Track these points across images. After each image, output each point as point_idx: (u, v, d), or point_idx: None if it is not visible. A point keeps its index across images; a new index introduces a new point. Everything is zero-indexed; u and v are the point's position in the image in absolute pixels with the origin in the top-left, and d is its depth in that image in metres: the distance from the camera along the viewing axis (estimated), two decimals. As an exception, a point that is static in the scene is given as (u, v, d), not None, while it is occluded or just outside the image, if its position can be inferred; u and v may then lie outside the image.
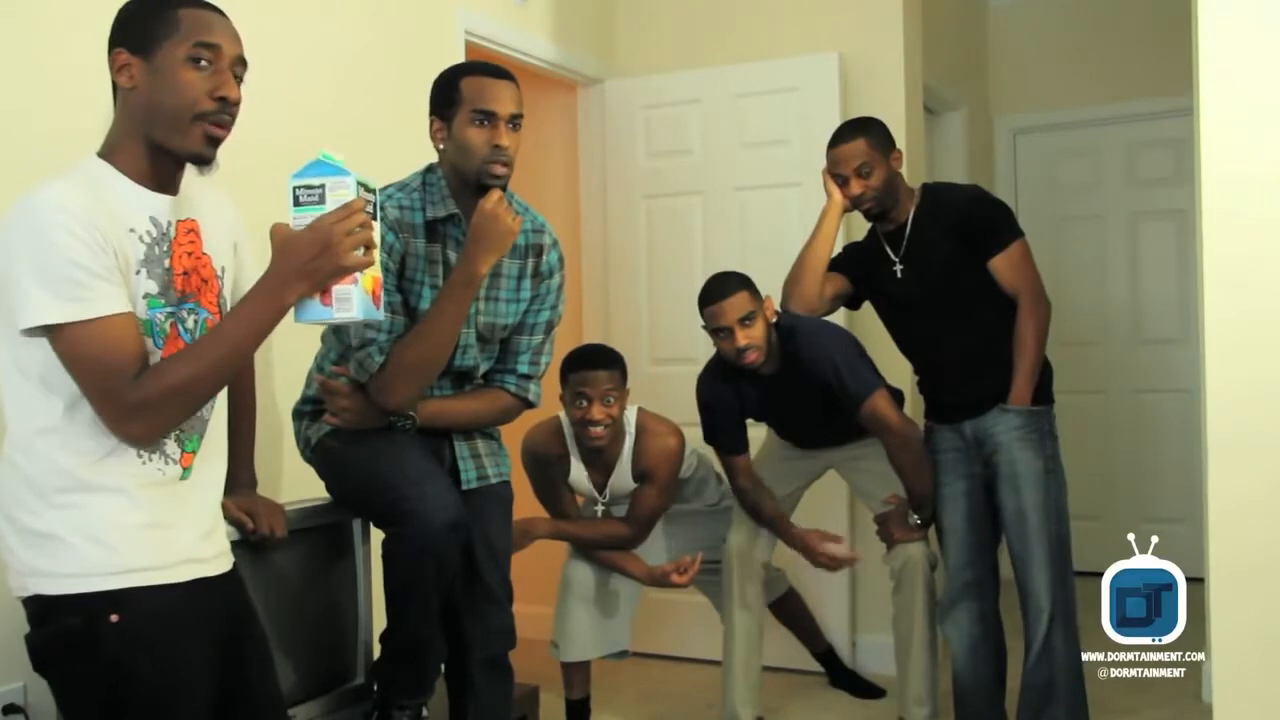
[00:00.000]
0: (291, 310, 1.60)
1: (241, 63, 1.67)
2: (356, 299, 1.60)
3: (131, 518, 1.60)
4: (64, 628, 1.57)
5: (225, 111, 1.64)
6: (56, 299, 1.50)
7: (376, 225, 1.63)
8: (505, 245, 2.31)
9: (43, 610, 1.60)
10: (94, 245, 1.52)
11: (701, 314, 3.04)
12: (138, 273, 1.60)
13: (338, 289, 1.58)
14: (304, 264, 1.55)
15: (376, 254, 1.62)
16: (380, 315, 1.69)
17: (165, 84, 1.61)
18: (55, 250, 1.50)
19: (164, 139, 1.62)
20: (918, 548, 3.04)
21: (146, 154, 1.64)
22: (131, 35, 1.63)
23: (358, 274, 1.59)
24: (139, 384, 1.54)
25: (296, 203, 1.59)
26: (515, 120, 2.32)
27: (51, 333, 1.52)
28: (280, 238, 1.58)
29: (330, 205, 1.58)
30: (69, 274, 1.50)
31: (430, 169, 2.43)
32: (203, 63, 1.61)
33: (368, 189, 1.63)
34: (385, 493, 2.28)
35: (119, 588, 1.58)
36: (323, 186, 1.59)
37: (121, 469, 1.60)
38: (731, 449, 3.18)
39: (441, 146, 2.38)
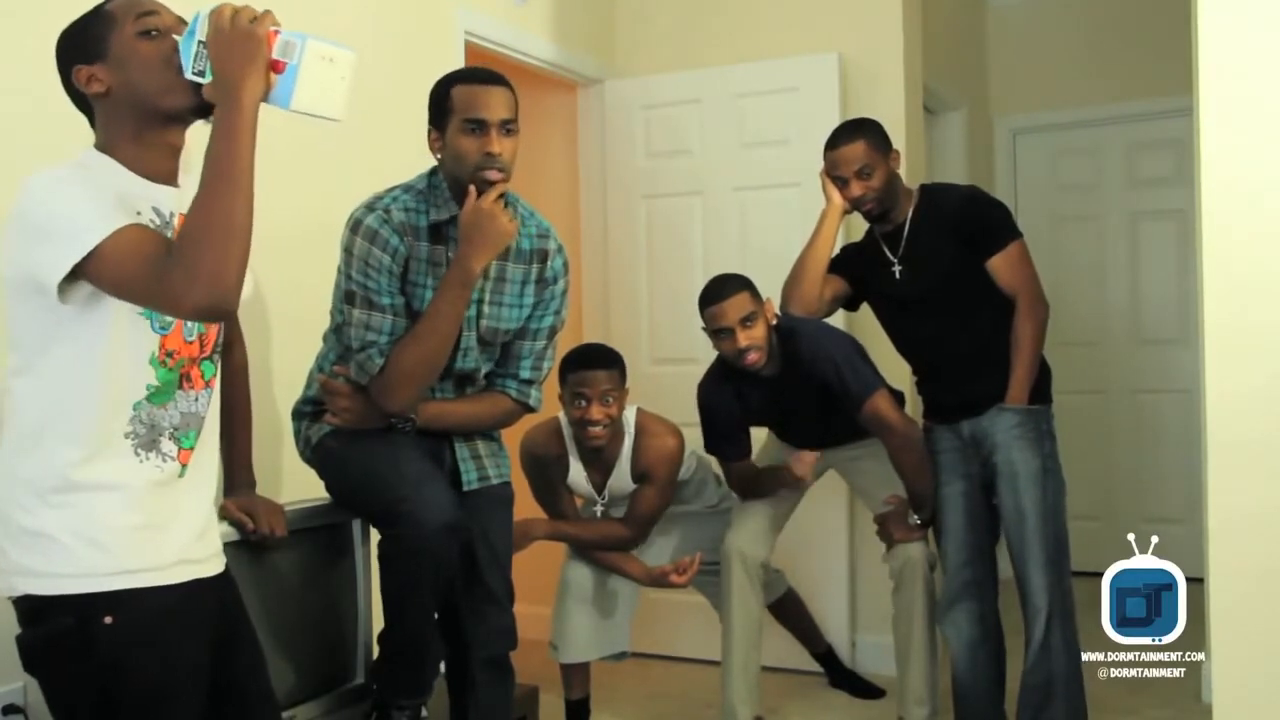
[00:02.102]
0: (274, 107, 1.58)
1: (182, 21, 1.68)
2: (292, 37, 1.56)
3: (127, 518, 1.60)
4: (57, 628, 1.57)
5: None
6: (84, 230, 1.50)
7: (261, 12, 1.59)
8: (500, 244, 2.30)
9: (34, 610, 1.59)
10: (105, 189, 1.55)
11: (702, 315, 3.04)
12: None
13: (274, 50, 1.55)
14: (228, 67, 1.53)
15: (270, 15, 1.58)
16: (344, 48, 1.62)
17: (132, 67, 1.62)
18: (61, 202, 1.52)
19: (162, 107, 1.63)
20: (917, 548, 3.04)
21: (142, 147, 1.65)
22: (79, 49, 1.65)
23: (275, 29, 1.56)
24: (172, 258, 1.52)
25: (201, 73, 1.57)
26: (507, 125, 2.31)
27: (91, 264, 1.50)
28: (206, 87, 1.57)
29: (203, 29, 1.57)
30: (79, 209, 1.51)
31: (434, 171, 2.43)
32: (153, 32, 1.63)
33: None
34: (383, 493, 2.28)
35: (113, 589, 1.57)
36: (199, 41, 1.56)
37: (120, 467, 1.60)
38: (734, 455, 3.18)
39: (439, 156, 2.38)
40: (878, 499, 3.15)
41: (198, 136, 1.67)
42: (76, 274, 1.51)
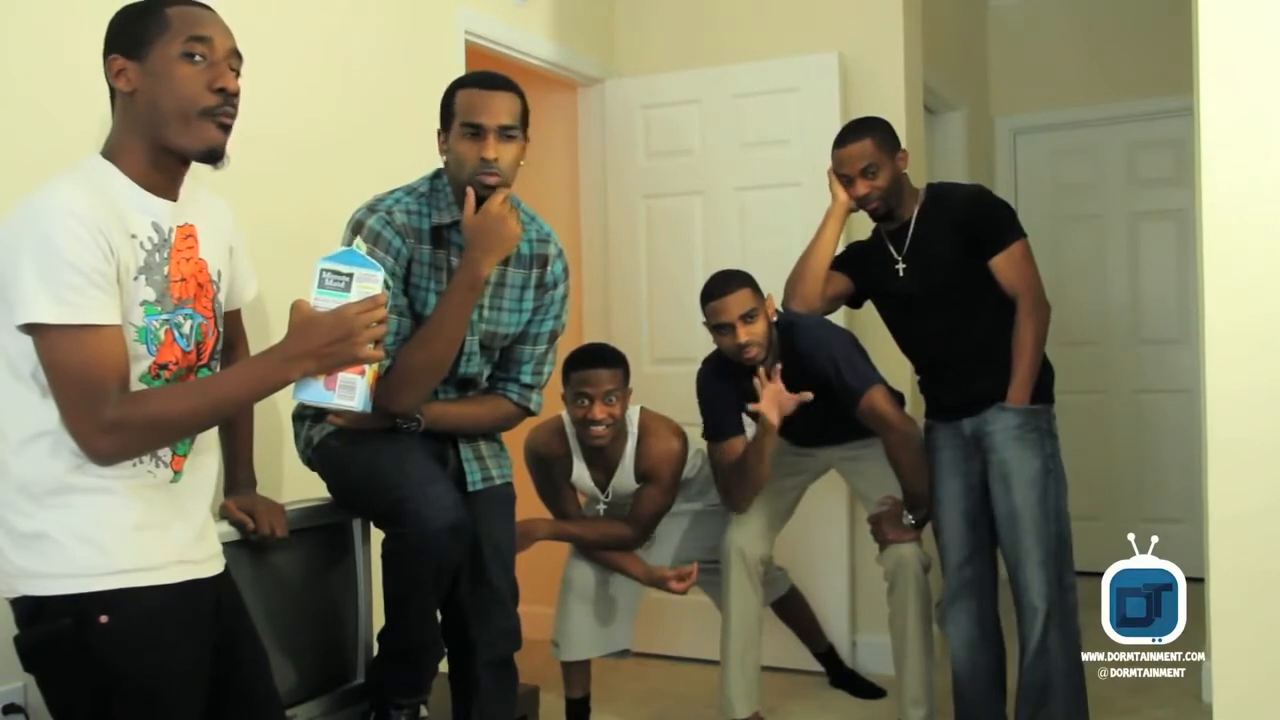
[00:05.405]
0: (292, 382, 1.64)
1: (236, 55, 1.67)
2: (360, 390, 1.65)
3: (124, 518, 1.60)
4: (55, 628, 1.57)
5: (227, 104, 1.64)
6: (52, 300, 1.50)
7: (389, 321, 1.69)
8: (507, 248, 2.31)
9: (32, 610, 1.60)
10: (97, 252, 1.52)
11: (703, 310, 3.04)
12: (136, 279, 1.60)
13: (344, 376, 1.63)
14: (319, 346, 1.58)
15: (379, 354, 1.67)
16: (371, 410, 1.73)
17: (163, 83, 1.61)
18: (59, 252, 1.50)
19: (171, 139, 1.62)
20: (909, 548, 3.03)
21: (149, 158, 1.64)
22: (124, 40, 1.63)
23: (365, 366, 1.63)
24: (121, 403, 1.54)
25: (321, 284, 1.63)
26: (507, 131, 2.31)
27: (40, 333, 1.52)
28: (301, 315, 1.61)
29: (355, 295, 1.62)
30: (68, 278, 1.50)
31: (437, 174, 2.44)
32: (197, 57, 1.62)
33: (389, 286, 1.68)
34: (387, 493, 2.28)
35: (110, 588, 1.57)
36: (351, 275, 1.63)
37: (112, 471, 1.60)
38: (729, 432, 3.14)
39: (444, 158, 2.39)
40: (875, 500, 3.15)
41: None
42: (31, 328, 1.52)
